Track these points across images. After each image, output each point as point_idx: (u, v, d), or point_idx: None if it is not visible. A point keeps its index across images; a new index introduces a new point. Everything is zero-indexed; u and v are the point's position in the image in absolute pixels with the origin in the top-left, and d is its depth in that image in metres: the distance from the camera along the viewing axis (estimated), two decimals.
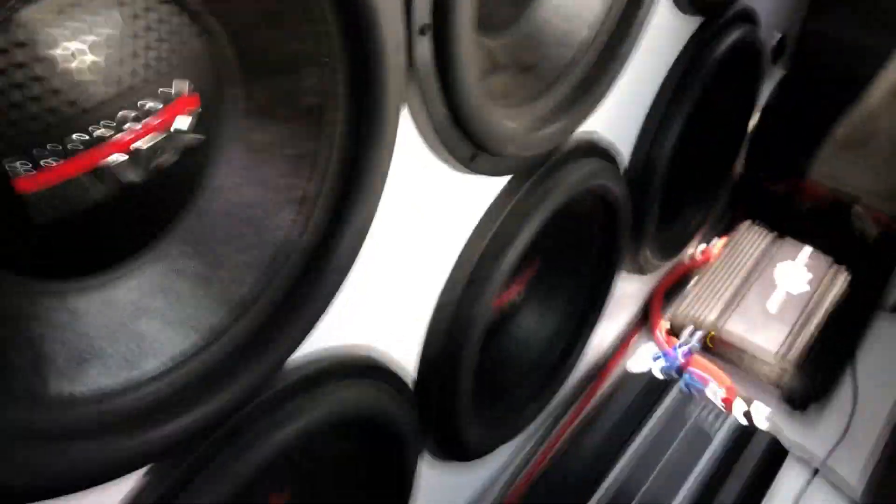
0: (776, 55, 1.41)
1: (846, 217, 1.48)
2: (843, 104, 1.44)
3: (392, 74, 0.53)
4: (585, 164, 0.89)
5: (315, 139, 0.51)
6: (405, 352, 0.79)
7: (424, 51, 0.56)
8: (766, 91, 1.46)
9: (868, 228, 1.48)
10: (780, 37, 1.41)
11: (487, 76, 0.70)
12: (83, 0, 0.40)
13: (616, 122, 0.98)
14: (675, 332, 1.35)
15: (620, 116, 0.99)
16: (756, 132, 1.47)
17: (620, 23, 0.83)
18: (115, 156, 0.44)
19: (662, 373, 1.28)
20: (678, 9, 1.00)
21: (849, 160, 1.48)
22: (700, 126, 1.16)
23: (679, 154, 1.12)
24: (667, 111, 1.08)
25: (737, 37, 1.13)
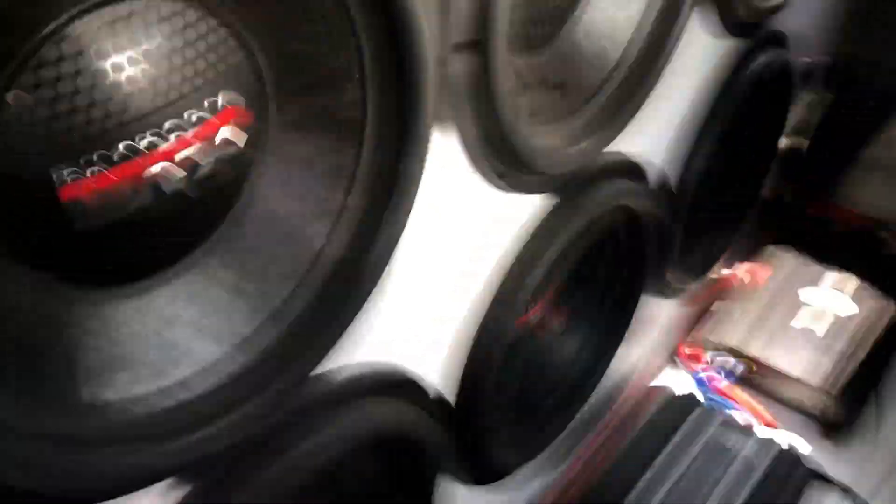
0: (809, 78, 1.40)
1: (879, 240, 1.46)
2: (878, 127, 1.42)
3: (429, 90, 0.53)
4: (616, 184, 0.89)
5: (351, 153, 0.52)
6: (435, 368, 0.79)
7: (463, 67, 0.57)
8: (799, 113, 1.45)
9: None
10: (815, 60, 1.40)
11: (520, 94, 0.71)
12: (133, 13, 0.41)
13: (647, 142, 0.97)
14: (703, 357, 1.33)
15: (652, 136, 0.99)
16: (789, 154, 1.45)
17: (652, 44, 0.83)
18: (161, 165, 0.44)
19: (686, 399, 1.26)
20: (711, 31, 1.00)
21: (881, 183, 1.46)
22: (730, 147, 1.15)
23: (709, 175, 1.11)
24: (698, 132, 1.08)
25: (768, 59, 1.13)
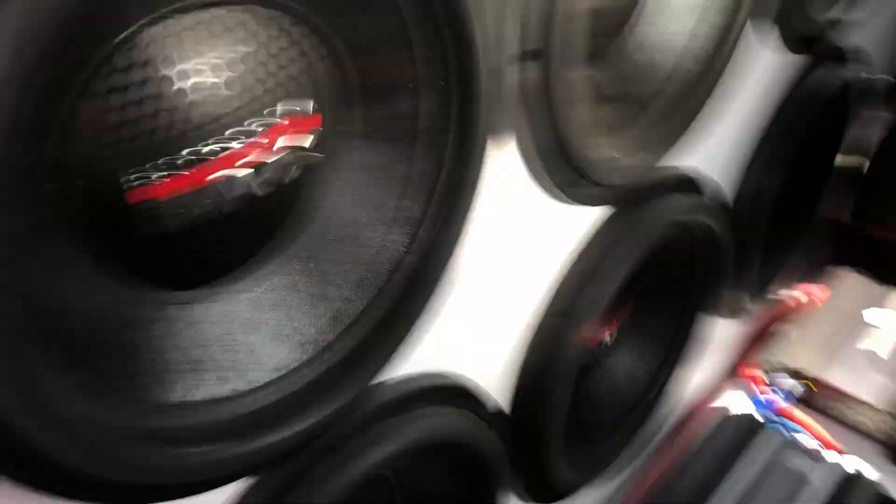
0: (869, 96, 1.37)
1: None
2: None
3: (485, 100, 0.53)
4: (673, 199, 0.89)
5: (424, 161, 0.53)
6: (495, 382, 0.79)
7: (522, 78, 0.57)
8: (857, 132, 1.42)
9: None
10: (875, 77, 1.37)
11: (577, 105, 0.71)
12: (205, 21, 0.41)
13: (703, 157, 0.96)
14: (763, 378, 1.30)
15: (708, 151, 0.97)
16: (845, 173, 1.42)
17: (707, 57, 0.82)
18: (230, 170, 0.44)
19: (749, 423, 1.23)
20: (768, 45, 0.99)
21: None
22: (787, 164, 1.13)
23: (765, 192, 1.09)
24: (755, 147, 1.06)
25: (827, 75, 1.11)
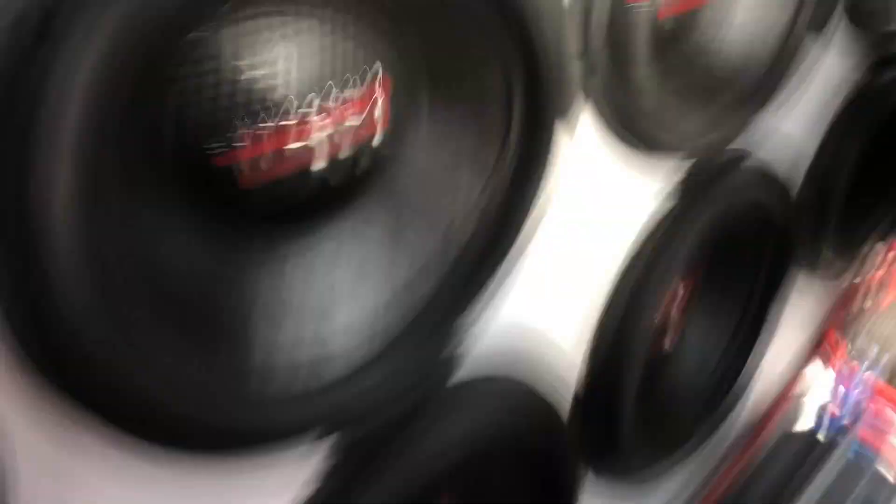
0: None
1: None
2: None
3: (565, 71, 0.55)
4: (745, 177, 0.88)
5: (490, 127, 0.54)
6: (567, 360, 0.79)
7: (601, 54, 0.59)
8: None
9: None
10: None
11: (656, 80, 0.72)
12: (283, 9, 0.43)
13: (776, 138, 0.96)
14: (857, 357, 1.25)
15: (781, 133, 0.97)
16: None
17: (783, 43, 0.83)
18: (313, 136, 0.47)
19: (830, 431, 1.18)
20: (843, 36, 0.98)
21: None
22: (860, 151, 1.10)
23: (837, 177, 1.07)
24: (828, 133, 1.05)
25: None
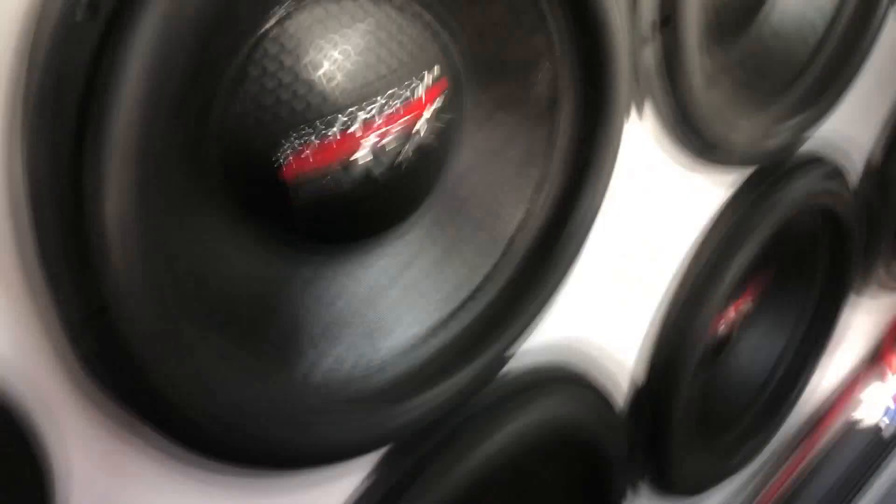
0: None
1: None
2: None
3: (621, 71, 0.53)
4: (813, 176, 0.85)
5: (545, 133, 0.53)
6: (620, 367, 0.77)
7: (656, 47, 0.56)
8: None
9: None
10: None
11: (713, 82, 0.69)
12: (334, 10, 0.43)
13: (852, 130, 0.93)
14: None
15: (856, 125, 0.94)
16: None
17: (850, 33, 0.80)
18: (363, 145, 0.45)
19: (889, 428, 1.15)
20: None
21: None
22: None
23: None
24: None
25: None
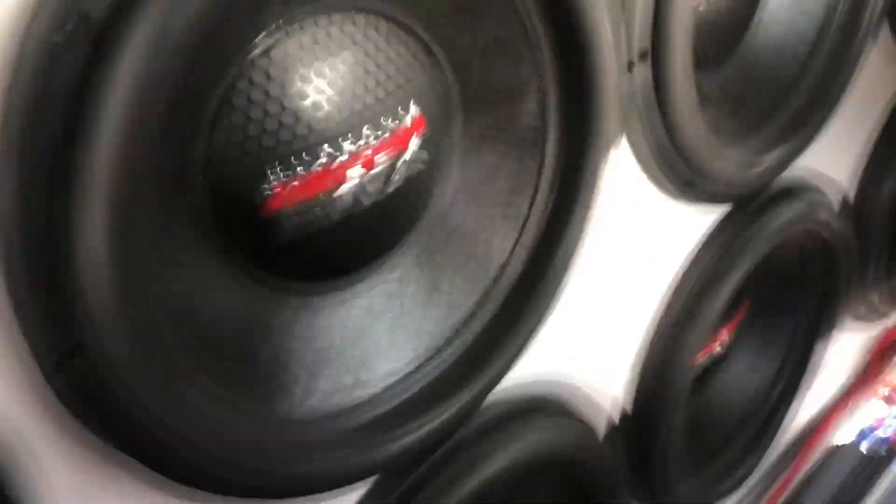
0: None
1: None
2: None
3: (608, 100, 0.53)
4: (798, 203, 0.85)
5: (532, 163, 0.52)
6: (607, 395, 0.77)
7: (641, 77, 0.56)
8: None
9: None
10: None
11: (699, 108, 0.69)
12: (322, 33, 0.42)
13: (831, 161, 0.93)
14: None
15: (835, 155, 0.94)
16: None
17: (834, 60, 0.80)
18: (351, 177, 0.45)
19: (870, 451, 1.15)
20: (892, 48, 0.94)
21: None
22: None
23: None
24: (886, 150, 1.01)
25: None
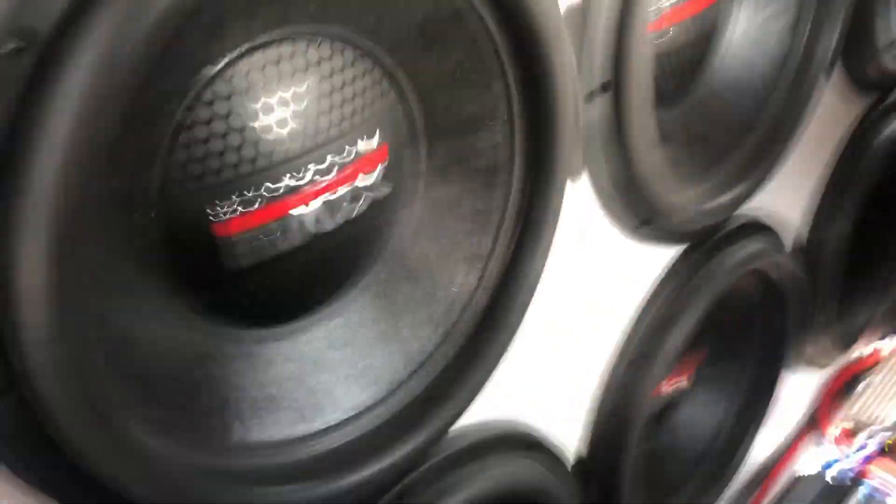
0: None
1: None
2: None
3: (569, 130, 0.52)
4: (753, 244, 0.86)
5: (492, 196, 0.52)
6: (567, 431, 0.75)
7: (602, 108, 0.56)
8: None
9: None
10: None
11: (658, 145, 0.70)
12: (284, 58, 0.41)
13: (784, 200, 0.94)
14: (851, 434, 1.23)
15: (789, 194, 0.95)
16: None
17: (789, 98, 0.81)
18: (308, 206, 0.44)
19: (835, 480, 1.16)
20: (849, 86, 0.96)
21: None
22: (874, 212, 1.09)
23: (847, 240, 1.05)
24: (835, 193, 1.02)
25: None
